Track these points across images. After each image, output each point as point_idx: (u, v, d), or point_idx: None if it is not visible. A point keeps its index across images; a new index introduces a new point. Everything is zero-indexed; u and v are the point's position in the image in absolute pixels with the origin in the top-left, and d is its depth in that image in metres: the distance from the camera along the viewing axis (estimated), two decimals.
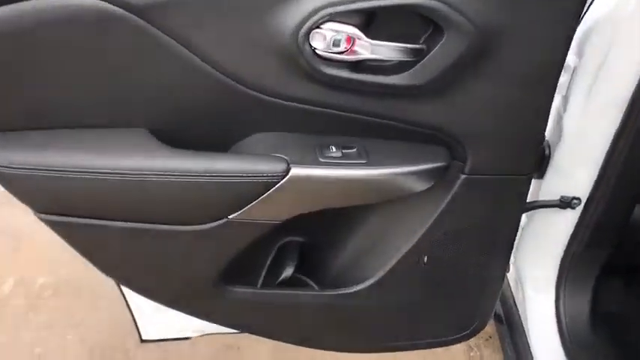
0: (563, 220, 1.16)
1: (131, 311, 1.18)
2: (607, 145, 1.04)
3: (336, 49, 0.73)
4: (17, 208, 0.86)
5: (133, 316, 1.18)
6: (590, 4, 1.02)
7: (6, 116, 0.78)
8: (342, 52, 0.74)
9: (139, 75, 0.75)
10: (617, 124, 1.00)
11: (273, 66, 0.75)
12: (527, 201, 1.03)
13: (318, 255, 1.07)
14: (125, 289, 1.07)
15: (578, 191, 1.12)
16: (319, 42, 0.72)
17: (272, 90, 0.77)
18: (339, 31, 0.72)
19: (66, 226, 0.82)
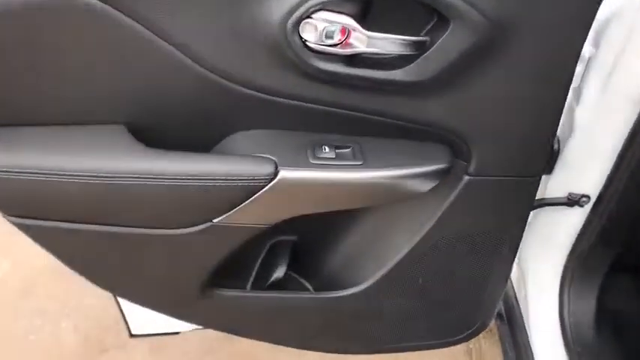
0: (570, 218, 1.09)
1: (119, 306, 1.12)
2: (621, 140, 0.95)
3: (328, 42, 0.65)
4: None
5: (121, 310, 1.12)
6: None
7: None
8: (335, 45, 0.65)
9: (115, 68, 0.68)
10: (633, 119, 0.92)
11: (259, 59, 0.66)
12: None
13: (311, 254, 1.00)
14: None
15: (588, 188, 1.04)
16: (310, 33, 0.64)
17: (258, 85, 0.69)
18: (332, 22, 0.64)
19: (39, 230, 0.75)
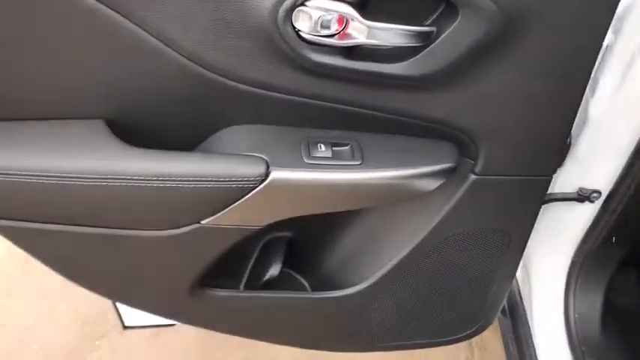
0: (579, 213, 1.03)
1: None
2: (638, 134, 0.88)
3: (324, 32, 0.58)
4: None
5: (114, 303, 1.08)
6: None
7: None
8: (332, 36, 0.58)
9: (92, 60, 0.61)
10: None
11: (248, 50, 0.60)
12: None
13: (308, 251, 0.95)
14: None
15: (599, 184, 0.97)
16: (304, 22, 0.57)
17: (247, 78, 0.62)
18: (328, 10, 0.57)
19: (17, 231, 0.70)
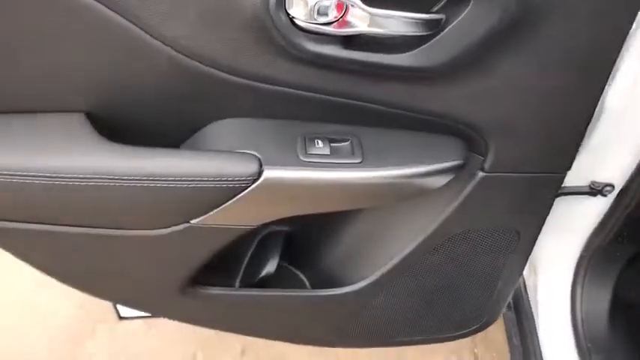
0: (590, 207, 0.97)
1: None
2: None
3: (322, 19, 0.52)
4: None
5: None
6: None
7: None
8: (330, 23, 0.52)
9: (72, 49, 0.56)
10: None
11: (240, 40, 0.54)
12: None
13: (308, 246, 0.90)
14: None
15: (613, 177, 0.91)
16: (299, 9, 0.51)
17: (238, 69, 0.56)
18: None
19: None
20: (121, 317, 1.09)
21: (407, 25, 0.52)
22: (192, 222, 0.64)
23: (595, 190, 0.94)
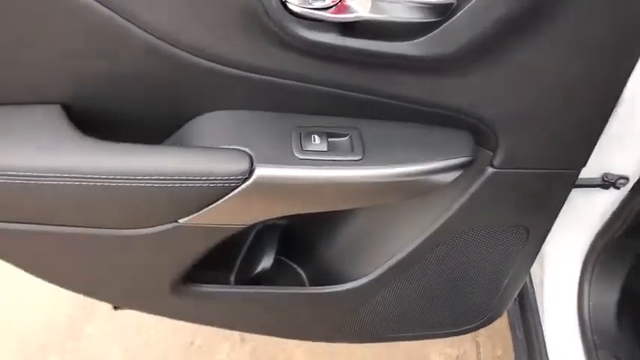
0: (602, 200, 0.92)
1: None
2: None
3: (317, 4, 0.46)
4: None
5: None
6: None
7: None
8: (326, 9, 0.46)
9: (45, 36, 0.50)
10: None
11: (228, 26, 0.48)
12: None
13: (306, 240, 0.85)
14: None
15: (628, 169, 0.86)
16: None
17: (227, 58, 0.51)
18: None
19: None
20: (116, 307, 1.05)
21: (412, 10, 0.46)
22: (181, 221, 0.59)
23: (608, 182, 0.88)
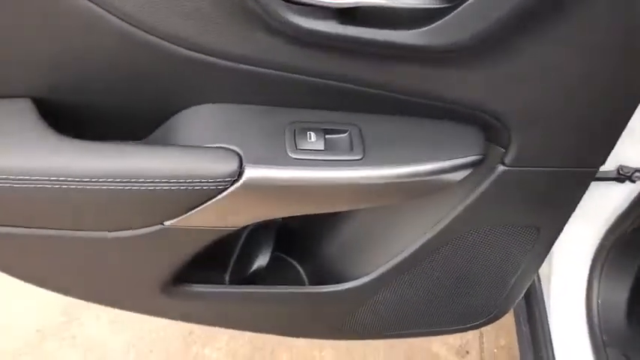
0: (616, 193, 0.87)
1: None
2: None
3: None
4: None
5: None
6: None
7: None
8: None
9: (11, 25, 0.45)
10: None
11: (210, 12, 0.42)
12: None
13: (305, 236, 0.80)
14: None
15: None
16: None
17: (212, 48, 0.45)
18: None
19: None
20: None
21: None
22: (167, 224, 0.55)
23: (624, 175, 0.83)
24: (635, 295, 0.95)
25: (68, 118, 0.50)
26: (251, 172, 0.49)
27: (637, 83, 0.50)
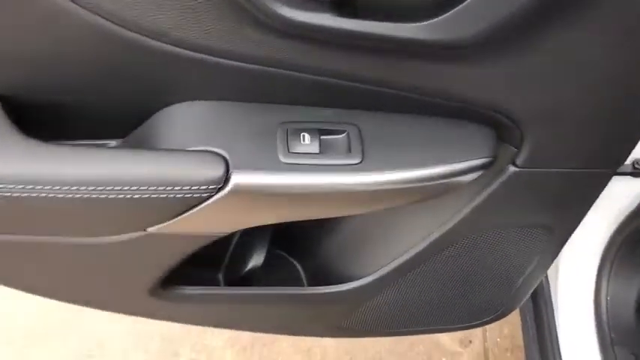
0: (629, 188, 0.83)
1: None
2: None
3: None
4: None
5: None
6: None
7: None
8: None
9: None
10: None
11: (198, 7, 0.37)
12: None
13: (305, 233, 0.76)
14: None
15: None
16: None
17: (198, 44, 0.40)
18: None
19: None
20: None
21: None
22: (149, 230, 0.50)
23: (639, 170, 0.78)
24: None
25: (40, 118, 0.45)
26: (238, 179, 0.44)
27: None
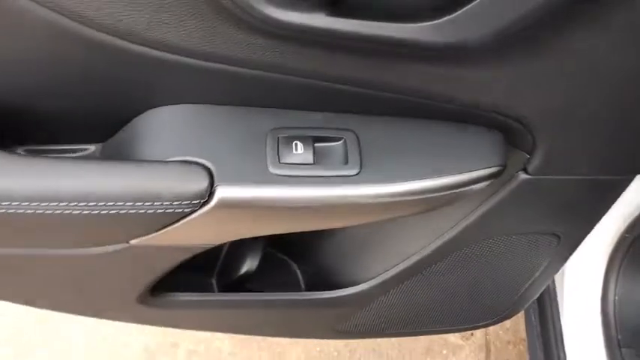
0: (636, 188, 0.78)
1: None
2: None
3: None
4: None
5: None
6: None
7: None
8: None
9: None
10: None
11: (174, 4, 0.33)
12: None
13: (303, 235, 0.72)
14: None
15: None
16: None
17: (178, 46, 0.36)
18: None
19: None
20: None
21: None
22: (132, 242, 0.47)
23: None
24: None
25: (14, 123, 0.41)
26: (224, 192, 0.40)
27: None
